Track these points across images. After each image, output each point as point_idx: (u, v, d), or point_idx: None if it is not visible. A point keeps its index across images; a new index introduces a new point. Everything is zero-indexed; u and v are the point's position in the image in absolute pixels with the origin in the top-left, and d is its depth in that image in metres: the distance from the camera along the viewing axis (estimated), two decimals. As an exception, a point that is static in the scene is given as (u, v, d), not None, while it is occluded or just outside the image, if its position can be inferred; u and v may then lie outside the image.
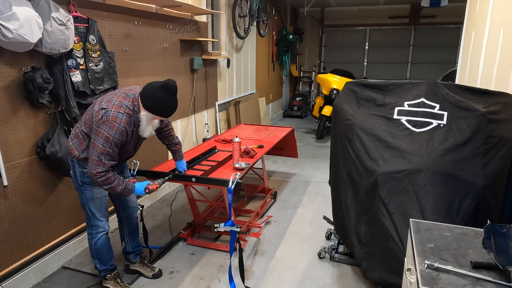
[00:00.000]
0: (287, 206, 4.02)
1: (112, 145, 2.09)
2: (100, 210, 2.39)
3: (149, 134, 2.30)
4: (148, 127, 2.26)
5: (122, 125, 2.10)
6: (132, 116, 2.17)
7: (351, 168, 2.46)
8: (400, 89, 2.55)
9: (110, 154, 2.11)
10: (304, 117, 9.21)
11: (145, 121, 2.21)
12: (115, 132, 2.08)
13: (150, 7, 3.72)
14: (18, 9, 2.14)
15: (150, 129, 2.28)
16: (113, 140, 2.08)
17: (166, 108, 2.22)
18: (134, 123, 2.20)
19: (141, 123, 2.21)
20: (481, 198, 2.06)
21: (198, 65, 4.60)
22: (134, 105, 2.18)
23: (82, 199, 2.36)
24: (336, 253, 2.97)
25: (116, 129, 2.08)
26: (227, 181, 2.59)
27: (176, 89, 2.19)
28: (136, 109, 2.18)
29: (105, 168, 2.10)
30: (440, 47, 8.91)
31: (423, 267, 1.36)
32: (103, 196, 2.38)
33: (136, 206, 2.68)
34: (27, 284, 2.61)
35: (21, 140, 2.51)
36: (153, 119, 2.25)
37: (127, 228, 2.69)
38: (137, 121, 2.20)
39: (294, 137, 4.57)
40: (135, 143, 2.36)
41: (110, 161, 2.13)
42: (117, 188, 2.20)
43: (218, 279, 2.74)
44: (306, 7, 8.39)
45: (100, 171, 2.09)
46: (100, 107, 2.13)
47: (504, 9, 2.88)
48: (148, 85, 2.18)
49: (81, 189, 2.33)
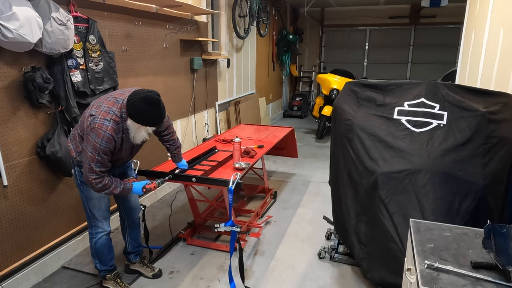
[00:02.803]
0: (287, 206, 4.02)
1: (100, 153, 2.06)
2: (100, 211, 2.39)
3: (142, 140, 2.25)
4: (139, 134, 2.20)
5: (109, 132, 2.06)
6: (120, 123, 2.12)
7: (351, 168, 2.46)
8: (400, 89, 2.55)
9: (100, 162, 2.08)
10: (304, 117, 9.21)
11: (133, 129, 2.17)
12: (101, 140, 2.05)
13: (150, 7, 3.72)
14: (18, 9, 2.14)
15: (142, 135, 2.22)
16: (100, 148, 2.05)
17: (149, 119, 2.15)
18: (122, 130, 2.15)
19: (129, 131, 2.17)
20: (481, 198, 2.05)
21: (198, 65, 4.60)
22: (122, 111, 2.12)
23: (82, 199, 2.36)
24: (336, 253, 2.97)
25: (102, 137, 2.04)
26: (227, 181, 2.59)
27: (158, 101, 2.12)
28: (124, 116, 2.12)
29: (97, 175, 2.10)
30: (440, 47, 8.91)
31: (423, 267, 1.36)
32: (102, 197, 2.37)
33: (138, 207, 2.68)
34: (27, 284, 2.61)
35: (21, 140, 2.51)
36: (141, 127, 2.19)
37: (129, 228, 2.69)
38: (126, 128, 2.16)
39: (294, 137, 4.57)
40: (130, 149, 2.33)
41: (101, 168, 2.11)
42: (116, 191, 2.21)
43: (218, 279, 2.74)
44: (306, 7, 8.39)
45: (94, 178, 2.09)
46: (90, 113, 2.11)
47: (504, 9, 2.87)
48: (133, 94, 2.11)
49: (81, 188, 2.33)
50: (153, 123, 2.20)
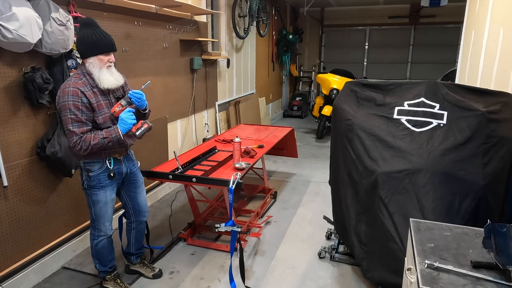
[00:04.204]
0: (287, 206, 4.02)
1: (71, 109, 2.06)
2: (105, 215, 2.38)
3: (111, 84, 2.18)
4: (104, 75, 2.15)
5: (72, 86, 2.08)
6: (82, 77, 2.14)
7: (351, 168, 2.46)
8: (400, 89, 2.55)
9: (76, 120, 2.07)
10: (304, 117, 9.21)
11: (95, 69, 2.14)
12: (67, 96, 2.06)
13: (150, 7, 3.72)
14: (18, 10, 2.14)
15: (108, 77, 2.16)
16: (69, 104, 2.06)
17: (96, 41, 2.12)
18: (90, 83, 2.16)
19: (93, 74, 2.15)
20: (481, 197, 2.05)
21: (198, 65, 4.60)
22: (81, 69, 2.18)
23: (88, 201, 2.36)
24: (336, 253, 2.97)
25: (67, 93, 2.07)
26: (227, 181, 2.59)
27: (93, 21, 2.17)
28: (84, 71, 2.16)
29: (77, 136, 2.09)
30: (440, 46, 8.92)
31: (423, 266, 1.36)
32: (108, 201, 2.36)
33: (147, 209, 2.67)
34: (27, 284, 2.61)
35: (21, 141, 2.51)
36: (100, 62, 2.14)
37: (135, 230, 2.68)
38: (91, 79, 2.16)
39: (294, 137, 4.57)
40: (110, 105, 2.24)
41: (81, 127, 2.09)
42: (102, 142, 2.12)
43: (219, 279, 2.74)
44: (306, 7, 8.39)
45: (75, 140, 2.09)
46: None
47: (504, 9, 2.88)
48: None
49: (87, 192, 2.33)
50: (103, 45, 2.15)
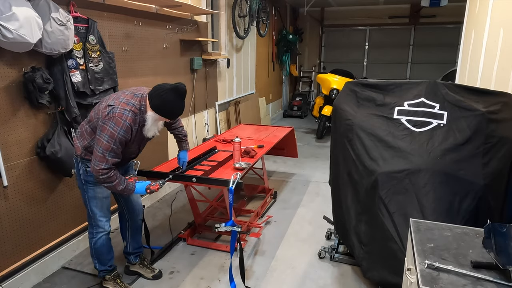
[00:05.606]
0: (287, 206, 4.02)
1: (116, 141, 2.10)
2: (102, 210, 2.39)
3: (153, 134, 2.32)
4: (153, 128, 2.27)
5: (128, 122, 2.12)
6: (138, 114, 2.19)
7: (351, 168, 2.46)
8: (400, 89, 2.55)
9: (114, 151, 2.12)
10: (304, 117, 9.21)
11: (151, 121, 2.23)
12: (120, 128, 2.09)
13: (150, 7, 3.72)
14: (18, 10, 2.14)
15: (154, 129, 2.30)
16: (118, 136, 2.10)
17: (172, 110, 2.24)
18: (139, 122, 2.21)
19: (146, 123, 2.22)
20: (481, 197, 2.05)
21: (198, 65, 4.60)
22: (141, 104, 2.21)
23: (84, 198, 2.36)
24: (336, 253, 2.97)
25: (122, 126, 2.10)
26: (227, 181, 2.59)
27: (185, 92, 2.22)
28: (143, 109, 2.21)
29: (108, 165, 2.11)
30: (440, 47, 8.91)
31: (423, 266, 1.36)
32: (105, 197, 2.38)
33: (141, 207, 2.68)
34: (27, 284, 2.61)
35: (21, 141, 2.51)
36: (159, 120, 2.27)
37: (130, 229, 2.69)
38: (142, 121, 2.22)
39: (294, 137, 4.57)
40: (139, 143, 2.38)
41: (114, 158, 2.13)
42: (118, 187, 2.20)
43: (219, 279, 2.74)
44: (306, 7, 8.39)
45: (103, 167, 2.10)
46: (107, 104, 2.15)
47: (504, 9, 2.87)
48: (158, 85, 2.21)
49: (83, 187, 2.33)
50: (175, 114, 2.28)
